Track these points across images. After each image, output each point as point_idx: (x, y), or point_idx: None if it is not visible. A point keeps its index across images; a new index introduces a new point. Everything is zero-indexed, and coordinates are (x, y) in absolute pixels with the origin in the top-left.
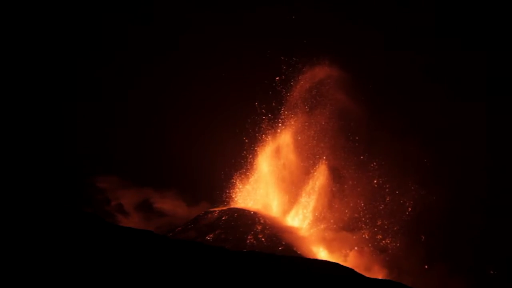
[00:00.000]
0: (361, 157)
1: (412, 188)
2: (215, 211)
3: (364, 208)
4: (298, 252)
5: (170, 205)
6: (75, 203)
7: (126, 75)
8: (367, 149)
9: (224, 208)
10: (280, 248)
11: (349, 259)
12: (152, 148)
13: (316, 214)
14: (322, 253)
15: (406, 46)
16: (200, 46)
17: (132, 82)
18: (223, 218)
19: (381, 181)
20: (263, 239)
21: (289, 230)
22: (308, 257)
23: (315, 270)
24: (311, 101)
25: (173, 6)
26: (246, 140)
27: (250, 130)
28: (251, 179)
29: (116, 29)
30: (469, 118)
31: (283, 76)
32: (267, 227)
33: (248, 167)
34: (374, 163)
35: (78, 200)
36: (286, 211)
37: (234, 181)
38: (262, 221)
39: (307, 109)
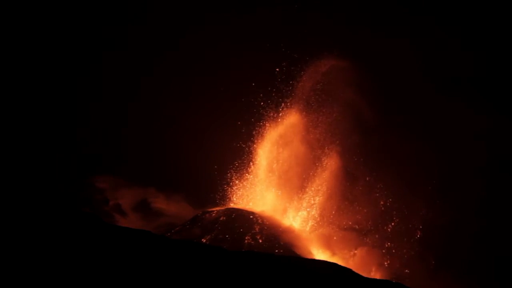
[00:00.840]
0: (367, 178)
1: (421, 213)
2: (213, 211)
3: (372, 228)
4: (297, 253)
5: (168, 205)
6: (73, 203)
7: (126, 75)
8: (374, 170)
9: (222, 208)
10: (277, 250)
11: (353, 260)
12: (151, 148)
13: (321, 217)
14: (322, 255)
15: (407, 45)
16: (200, 46)
17: (132, 82)
18: (221, 219)
19: (388, 203)
20: (261, 240)
21: (287, 231)
22: (306, 258)
23: (313, 270)
24: (311, 96)
25: (173, 7)
26: (243, 130)
27: (246, 116)
28: (250, 175)
29: (116, 29)
30: (474, 126)
31: (284, 68)
32: (265, 227)
33: (247, 162)
34: (381, 185)
35: (77, 200)
36: (286, 210)
37: (232, 178)
38: (260, 221)
39: (309, 103)
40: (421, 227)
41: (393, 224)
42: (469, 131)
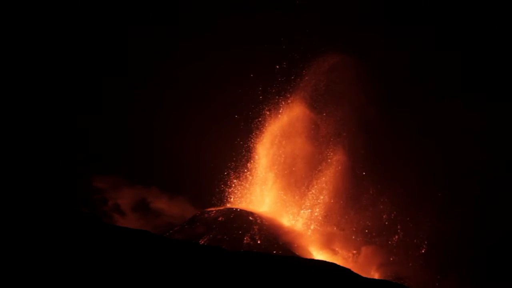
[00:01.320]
0: (370, 192)
1: (426, 226)
2: (212, 211)
3: (376, 240)
4: (296, 253)
5: (167, 205)
6: (72, 203)
7: (125, 75)
8: (378, 182)
9: (221, 208)
10: (276, 251)
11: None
12: (149, 147)
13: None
14: (321, 256)
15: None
16: (199, 46)
17: (130, 82)
18: (220, 219)
19: (392, 216)
20: (260, 240)
21: (286, 231)
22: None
23: (312, 270)
24: (313, 93)
25: (175, 7)
26: (242, 125)
27: (245, 112)
28: (250, 173)
29: (117, 29)
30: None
31: (284, 65)
32: (264, 227)
33: (246, 160)
34: (386, 199)
35: (75, 200)
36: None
37: (230, 177)
38: (259, 222)
39: (311, 99)
40: (426, 242)
41: (397, 237)
42: (471, 135)
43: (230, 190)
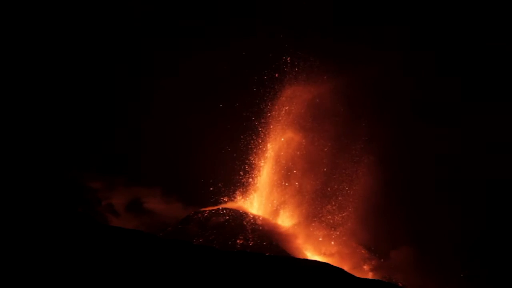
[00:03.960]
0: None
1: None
2: (205, 211)
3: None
4: (289, 253)
5: (161, 205)
6: (66, 203)
7: (125, 75)
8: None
9: (215, 208)
10: (269, 251)
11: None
12: (145, 147)
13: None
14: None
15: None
16: (197, 47)
17: (126, 82)
18: (213, 218)
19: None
20: (253, 240)
21: (280, 231)
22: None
23: (305, 269)
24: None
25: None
26: (238, 112)
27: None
28: (251, 173)
29: (110, 29)
30: None
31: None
32: (258, 227)
33: (246, 158)
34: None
35: (69, 200)
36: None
37: (220, 180)
38: (252, 221)
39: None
40: None
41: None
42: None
43: (225, 191)
